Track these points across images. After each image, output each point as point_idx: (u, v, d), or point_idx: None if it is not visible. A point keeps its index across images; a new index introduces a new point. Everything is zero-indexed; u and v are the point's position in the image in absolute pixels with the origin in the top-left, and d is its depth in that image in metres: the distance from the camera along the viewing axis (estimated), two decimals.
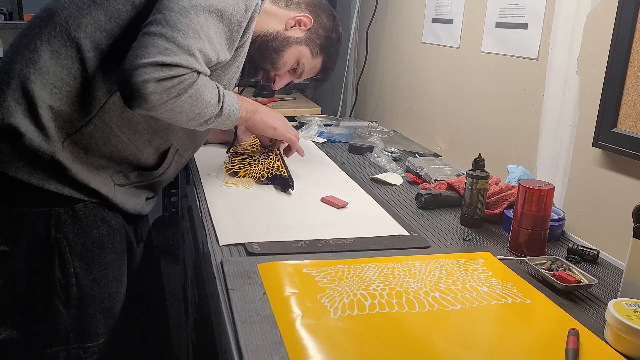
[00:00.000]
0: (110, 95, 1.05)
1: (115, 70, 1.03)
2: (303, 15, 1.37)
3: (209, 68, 1.05)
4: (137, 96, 0.94)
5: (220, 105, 1.10)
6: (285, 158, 1.52)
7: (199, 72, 1.01)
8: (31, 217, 1.06)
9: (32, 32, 1.07)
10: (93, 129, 1.05)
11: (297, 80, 1.48)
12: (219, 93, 1.09)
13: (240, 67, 1.22)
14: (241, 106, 1.19)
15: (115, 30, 1.05)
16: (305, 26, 1.37)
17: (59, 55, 1.03)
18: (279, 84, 1.43)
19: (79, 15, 1.05)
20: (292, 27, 1.36)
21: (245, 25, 1.11)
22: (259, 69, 1.39)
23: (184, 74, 0.97)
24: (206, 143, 1.70)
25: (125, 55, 1.03)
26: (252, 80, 2.60)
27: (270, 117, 1.38)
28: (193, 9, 0.99)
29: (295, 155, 1.50)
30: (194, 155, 1.58)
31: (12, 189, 1.04)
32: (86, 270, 1.10)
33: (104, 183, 1.09)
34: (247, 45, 1.19)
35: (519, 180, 1.17)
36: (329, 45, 1.42)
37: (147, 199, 1.22)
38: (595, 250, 1.08)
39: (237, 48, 1.14)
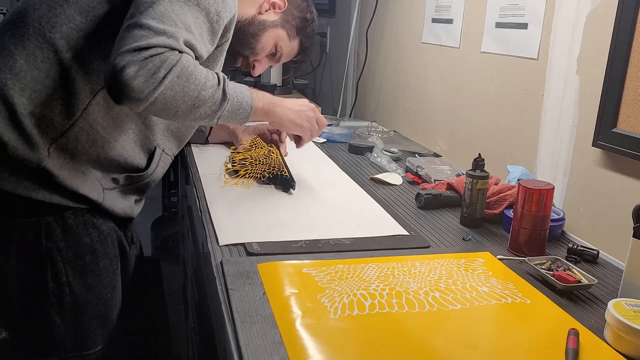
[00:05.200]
0: (93, 95, 1.03)
1: (96, 70, 1.01)
2: None
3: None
4: (121, 87, 0.88)
5: (222, 87, 1.02)
6: (285, 158, 1.52)
7: (180, 52, 0.94)
8: (20, 228, 1.04)
9: (4, 37, 1.03)
10: (78, 132, 1.03)
11: (275, 65, 1.47)
12: (218, 76, 1.03)
13: (222, 62, 1.20)
14: (255, 97, 1.12)
15: (92, 29, 1.02)
16: (279, 9, 1.37)
17: (35, 59, 1.00)
18: (259, 70, 1.42)
19: (52, 15, 1.01)
20: (266, 11, 1.35)
21: (225, 17, 1.06)
22: (237, 55, 1.37)
23: (163, 52, 0.91)
24: (206, 143, 1.71)
25: (105, 55, 0.99)
26: (253, 80, 2.61)
27: (293, 110, 1.24)
28: None
29: (294, 155, 1.50)
30: (194, 155, 1.59)
31: None
32: (79, 278, 1.09)
33: (93, 188, 1.07)
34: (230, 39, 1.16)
35: (519, 180, 1.17)
36: (305, 26, 1.41)
37: (135, 200, 1.21)
38: (595, 250, 1.08)
39: (222, 43, 1.12)
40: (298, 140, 1.33)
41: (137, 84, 0.88)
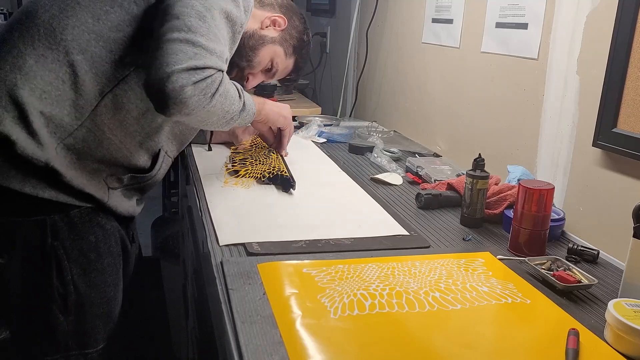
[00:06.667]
0: (102, 97, 1.04)
1: (106, 72, 1.03)
2: (278, 16, 1.40)
3: None
4: (176, 102, 0.94)
5: (242, 100, 1.12)
6: (285, 158, 1.52)
7: (223, 71, 1.02)
8: (26, 226, 1.04)
9: (13, 36, 1.03)
10: (86, 133, 1.04)
11: (269, 80, 1.52)
12: (237, 88, 1.11)
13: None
14: (255, 100, 1.23)
15: (104, 32, 1.03)
16: (279, 26, 1.41)
17: (45, 59, 1.01)
18: (252, 83, 1.45)
19: (63, 17, 1.03)
20: (267, 27, 1.39)
21: (244, 24, 1.12)
22: (234, 66, 1.40)
23: (214, 74, 0.98)
24: (209, 150, 1.70)
25: (116, 58, 1.02)
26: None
27: (277, 106, 1.47)
28: (208, 13, 1.00)
29: (294, 155, 1.50)
30: (194, 155, 1.59)
31: (5, 199, 1.02)
32: (84, 277, 1.09)
33: (98, 187, 1.08)
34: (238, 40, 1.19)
35: (519, 180, 1.17)
36: (302, 46, 1.46)
37: (137, 200, 1.22)
38: (595, 250, 1.08)
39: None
40: (281, 142, 1.53)
41: (192, 102, 0.95)
